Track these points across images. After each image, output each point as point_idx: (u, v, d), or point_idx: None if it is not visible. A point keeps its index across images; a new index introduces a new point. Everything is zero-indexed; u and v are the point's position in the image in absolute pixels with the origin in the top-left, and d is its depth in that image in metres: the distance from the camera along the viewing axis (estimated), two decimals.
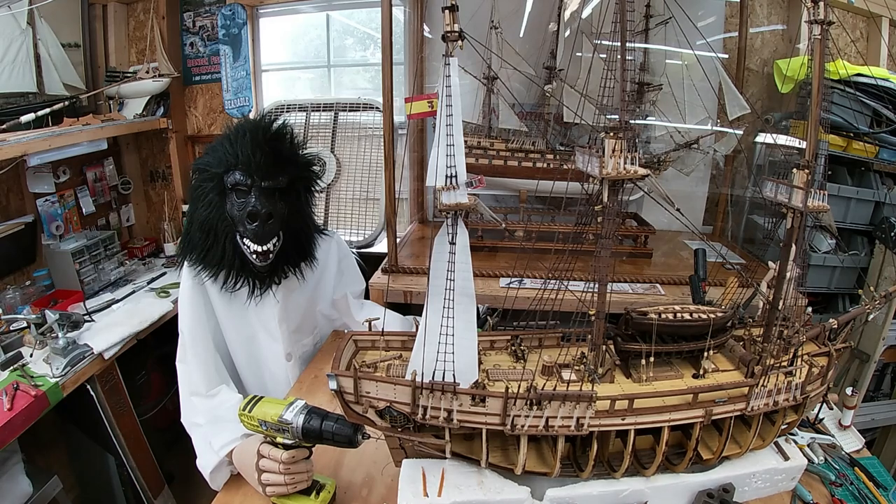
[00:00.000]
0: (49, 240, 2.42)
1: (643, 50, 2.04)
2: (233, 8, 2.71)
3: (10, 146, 1.97)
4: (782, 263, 1.02)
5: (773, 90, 2.25)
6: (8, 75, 2.37)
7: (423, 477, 0.98)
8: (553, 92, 2.11)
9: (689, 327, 1.00)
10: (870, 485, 1.17)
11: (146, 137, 2.95)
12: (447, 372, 0.87)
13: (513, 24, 2.16)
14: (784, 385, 0.99)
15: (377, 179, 2.62)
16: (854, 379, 2.07)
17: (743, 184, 2.32)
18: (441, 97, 0.80)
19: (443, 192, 0.82)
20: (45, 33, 2.46)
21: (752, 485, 1.07)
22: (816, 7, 0.91)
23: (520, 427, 0.90)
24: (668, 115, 2.07)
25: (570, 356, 1.02)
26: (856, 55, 2.27)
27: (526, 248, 2.01)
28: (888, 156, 1.97)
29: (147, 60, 2.72)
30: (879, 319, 1.88)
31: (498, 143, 2.13)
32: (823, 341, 1.15)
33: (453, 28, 0.78)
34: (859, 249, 2.06)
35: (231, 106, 2.84)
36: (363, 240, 2.64)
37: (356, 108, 2.70)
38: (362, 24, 2.86)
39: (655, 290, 1.84)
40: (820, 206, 0.97)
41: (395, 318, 1.70)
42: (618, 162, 0.88)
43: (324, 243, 1.63)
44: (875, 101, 1.94)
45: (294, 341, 1.61)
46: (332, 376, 0.89)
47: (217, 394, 1.40)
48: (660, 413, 0.94)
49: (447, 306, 0.86)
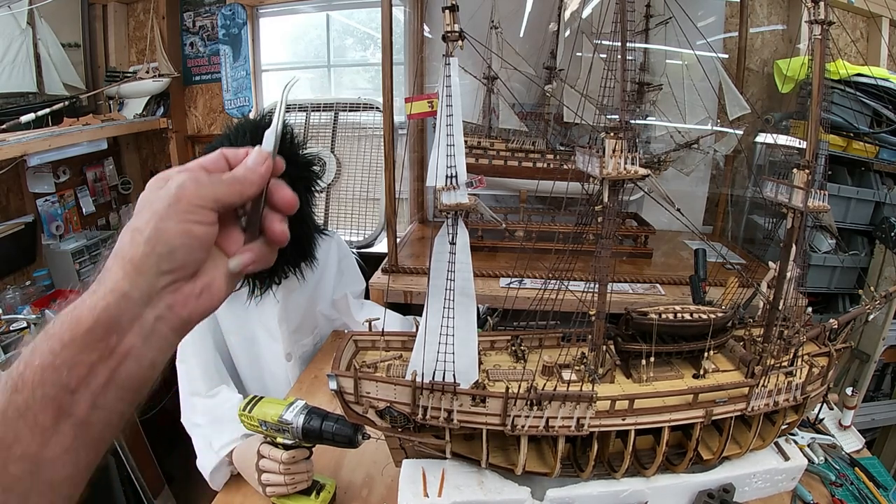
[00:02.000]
0: (49, 240, 2.42)
1: (643, 50, 2.04)
2: (233, 8, 2.71)
3: (10, 146, 1.97)
4: (782, 263, 1.02)
5: (773, 90, 2.25)
6: (8, 75, 2.37)
7: (424, 477, 0.98)
8: (553, 92, 2.11)
9: (690, 327, 1.00)
10: (870, 485, 1.17)
11: (146, 137, 2.95)
12: (447, 372, 0.87)
13: (513, 24, 2.16)
14: (784, 385, 0.99)
15: (377, 179, 2.62)
16: (854, 379, 2.07)
17: (743, 184, 2.32)
18: (441, 97, 0.80)
19: (443, 192, 0.82)
20: (45, 33, 2.46)
21: (752, 485, 1.07)
22: (817, 7, 0.91)
23: (520, 427, 0.90)
24: (668, 115, 2.07)
25: (570, 356, 1.02)
26: (856, 55, 2.27)
27: (526, 248, 2.01)
28: (888, 156, 1.97)
29: (147, 60, 2.72)
30: (879, 319, 1.88)
31: (498, 143, 2.13)
32: (823, 341, 1.15)
33: (453, 28, 0.78)
34: (859, 249, 2.06)
35: (231, 106, 2.84)
36: (363, 240, 2.64)
37: (356, 108, 2.70)
38: (362, 24, 2.86)
39: (655, 290, 1.84)
40: (820, 206, 0.97)
41: (395, 318, 1.70)
42: (618, 162, 0.88)
43: (324, 243, 1.63)
44: (875, 101, 1.94)
45: (294, 341, 1.61)
46: (332, 376, 0.89)
47: (217, 394, 1.40)
48: (660, 413, 0.94)
49: (447, 306, 0.86)
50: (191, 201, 0.45)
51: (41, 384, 0.39)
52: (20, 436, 0.39)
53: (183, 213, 0.44)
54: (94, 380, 0.41)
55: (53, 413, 0.40)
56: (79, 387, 0.41)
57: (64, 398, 0.40)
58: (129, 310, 0.42)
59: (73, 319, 0.41)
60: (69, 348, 0.40)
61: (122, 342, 0.42)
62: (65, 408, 0.40)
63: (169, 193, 0.44)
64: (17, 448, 0.39)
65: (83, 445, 0.41)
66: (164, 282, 0.44)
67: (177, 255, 0.44)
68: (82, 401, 0.41)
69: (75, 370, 0.40)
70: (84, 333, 0.41)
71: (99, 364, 0.41)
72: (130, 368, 0.43)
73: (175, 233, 0.44)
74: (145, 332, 0.43)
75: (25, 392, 0.39)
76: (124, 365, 0.42)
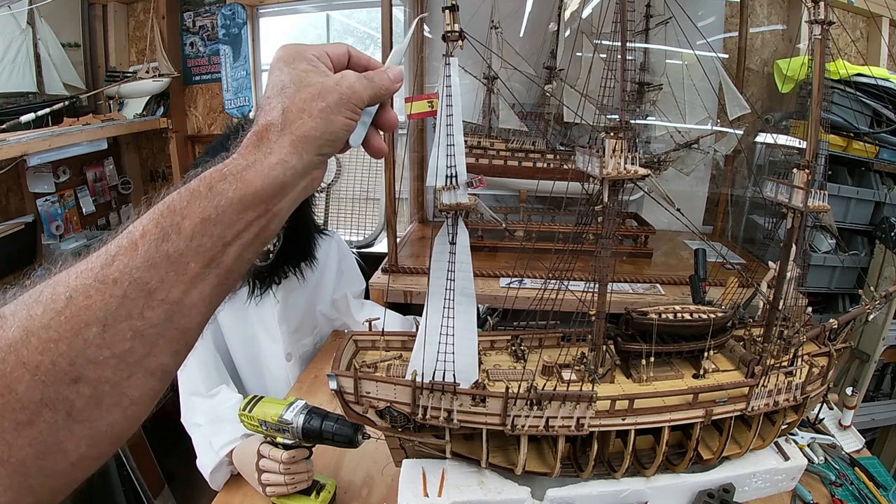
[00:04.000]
0: (49, 240, 2.41)
1: (643, 50, 2.04)
2: (233, 8, 2.71)
3: (10, 146, 1.97)
4: (782, 263, 1.02)
5: (773, 90, 2.25)
6: (8, 75, 2.37)
7: (424, 477, 0.98)
8: (553, 92, 2.11)
9: (690, 327, 1.00)
10: (870, 485, 1.17)
11: (146, 137, 2.95)
12: (447, 372, 0.87)
13: (513, 24, 2.15)
14: (784, 385, 0.99)
15: (377, 179, 2.62)
16: (854, 379, 2.07)
17: (743, 184, 2.31)
18: (441, 97, 0.80)
19: (443, 192, 0.82)
20: (45, 33, 2.46)
21: (752, 485, 1.07)
22: (817, 7, 0.91)
23: (520, 427, 0.90)
24: (669, 115, 2.07)
25: (570, 356, 1.02)
26: (856, 55, 2.27)
27: (526, 248, 2.01)
28: (888, 156, 1.97)
29: (147, 60, 2.72)
30: (879, 319, 1.87)
31: (498, 143, 2.13)
32: (823, 341, 1.15)
33: (453, 28, 0.78)
34: (859, 249, 2.06)
35: (231, 106, 2.84)
36: (363, 240, 2.64)
37: None
38: (362, 23, 2.86)
39: (655, 290, 1.84)
40: (820, 206, 0.97)
41: (395, 318, 1.70)
42: (618, 162, 0.88)
43: (324, 243, 1.63)
44: (875, 101, 1.94)
45: (294, 341, 1.61)
46: (332, 376, 0.89)
47: (217, 394, 1.40)
48: (660, 413, 0.94)
49: (447, 306, 0.85)
50: (355, 100, 0.53)
51: (200, 235, 0.43)
52: (166, 281, 0.41)
53: (347, 110, 0.52)
54: (247, 235, 0.46)
55: (205, 262, 0.43)
56: (233, 240, 0.45)
57: (218, 250, 0.44)
58: (292, 180, 0.49)
59: (244, 182, 0.46)
60: (235, 206, 0.45)
61: (278, 205, 0.48)
62: (216, 259, 0.44)
63: (341, 91, 0.52)
64: (159, 293, 0.41)
65: (217, 294, 0.45)
66: (318, 161, 0.52)
67: (335, 143, 0.52)
68: (232, 252, 0.45)
69: (235, 226, 0.45)
70: (252, 195, 0.46)
71: (254, 222, 0.46)
72: (273, 227, 0.49)
73: (340, 125, 0.52)
74: (293, 198, 0.50)
75: (180, 242, 0.42)
76: (271, 224, 0.48)
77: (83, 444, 0.39)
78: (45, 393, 0.37)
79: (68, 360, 0.37)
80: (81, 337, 0.38)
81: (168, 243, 0.42)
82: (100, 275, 0.40)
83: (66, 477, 0.40)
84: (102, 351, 0.39)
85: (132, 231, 0.42)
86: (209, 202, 0.44)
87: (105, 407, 0.40)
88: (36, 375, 0.37)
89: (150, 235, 0.42)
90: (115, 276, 0.40)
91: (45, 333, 0.37)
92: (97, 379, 0.39)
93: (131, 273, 0.40)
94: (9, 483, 0.37)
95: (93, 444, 0.40)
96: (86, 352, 0.38)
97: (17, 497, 0.37)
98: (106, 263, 0.40)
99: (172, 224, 0.42)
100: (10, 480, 0.37)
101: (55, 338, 0.37)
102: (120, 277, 0.40)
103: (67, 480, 0.40)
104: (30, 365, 0.37)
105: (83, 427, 0.39)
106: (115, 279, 0.40)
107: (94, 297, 0.39)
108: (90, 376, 0.38)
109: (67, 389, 0.38)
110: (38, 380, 0.37)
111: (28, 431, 0.37)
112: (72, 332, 0.38)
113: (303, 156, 0.49)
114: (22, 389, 0.36)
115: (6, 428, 0.36)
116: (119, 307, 0.39)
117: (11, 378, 0.36)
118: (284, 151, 0.48)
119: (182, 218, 0.43)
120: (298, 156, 0.49)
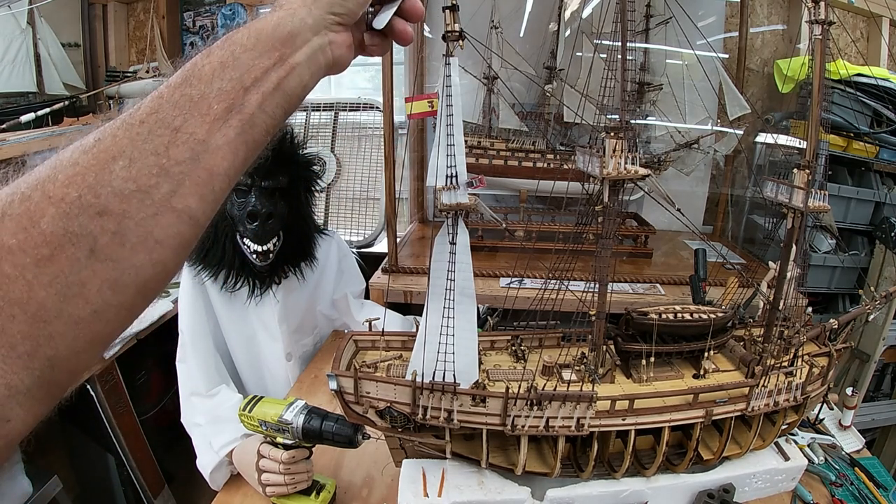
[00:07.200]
0: None
1: (643, 50, 2.04)
2: (233, 8, 2.71)
3: (10, 146, 1.97)
4: (782, 263, 1.02)
5: (773, 90, 2.24)
6: (8, 75, 2.37)
7: (424, 477, 0.98)
8: (553, 92, 2.11)
9: (690, 327, 1.00)
10: (870, 485, 1.17)
11: None
12: (447, 372, 0.87)
13: (513, 24, 2.15)
14: (784, 385, 0.99)
15: (377, 179, 2.61)
16: (854, 379, 2.07)
17: (743, 184, 2.31)
18: (441, 97, 0.80)
19: (443, 192, 0.82)
20: (45, 33, 2.46)
21: (752, 485, 1.07)
22: (817, 7, 0.91)
23: (520, 427, 0.90)
24: (669, 115, 2.07)
25: (570, 356, 1.02)
26: (856, 55, 2.27)
27: (526, 248, 2.01)
28: (888, 156, 1.97)
29: (147, 60, 2.72)
30: (879, 319, 1.87)
31: (498, 143, 2.13)
32: (824, 341, 1.15)
33: (453, 28, 0.78)
34: (859, 249, 2.06)
35: None
36: (363, 240, 2.64)
37: (356, 107, 2.70)
38: None
39: (655, 290, 1.84)
40: (820, 206, 0.97)
41: (395, 318, 1.70)
42: (618, 162, 0.88)
43: (324, 243, 1.63)
44: (875, 101, 1.93)
45: (294, 341, 1.61)
46: (332, 376, 0.89)
47: (217, 394, 1.40)
48: (660, 413, 0.94)
49: (447, 306, 0.85)
50: None
51: (219, 78, 0.45)
52: (189, 120, 0.43)
53: None
54: (266, 83, 0.47)
55: (227, 105, 0.45)
56: (252, 86, 0.46)
57: (238, 94, 0.45)
58: (302, 31, 0.50)
59: (255, 30, 0.48)
60: (250, 52, 0.47)
61: (293, 56, 0.49)
62: (237, 103, 0.45)
63: None
64: (184, 130, 0.42)
65: (243, 143, 0.46)
66: (332, 21, 0.53)
67: (348, 6, 0.53)
68: (253, 100, 0.46)
69: (252, 72, 0.46)
70: (265, 40, 0.48)
71: (272, 70, 0.48)
72: (292, 82, 0.50)
73: None
74: (308, 55, 0.51)
75: (201, 85, 0.44)
76: (289, 77, 0.49)
77: (106, 289, 0.39)
78: (68, 225, 0.37)
79: (94, 192, 0.38)
80: (108, 170, 0.39)
81: (190, 87, 0.44)
82: (127, 119, 0.42)
83: (88, 329, 0.38)
84: (128, 184, 0.39)
85: (158, 88, 0.45)
86: (226, 50, 0.46)
87: (129, 246, 0.39)
88: (60, 207, 0.37)
89: (174, 83, 0.44)
90: (141, 118, 0.42)
91: (73, 169, 0.38)
92: (122, 213, 0.39)
93: (157, 113, 0.42)
94: (28, 330, 0.35)
95: (116, 290, 0.39)
96: (112, 184, 0.39)
97: (36, 347, 0.36)
98: (134, 111, 0.43)
99: (194, 72, 0.45)
100: (30, 327, 0.35)
101: (82, 172, 0.38)
102: (146, 118, 0.42)
103: (89, 336, 0.39)
104: (55, 198, 0.37)
105: (106, 267, 0.38)
106: (142, 120, 0.42)
107: (121, 135, 0.41)
108: (115, 209, 0.38)
109: (92, 223, 0.37)
110: (62, 212, 0.36)
111: (49, 268, 0.36)
112: (98, 165, 0.39)
113: (312, 9, 0.51)
114: (45, 222, 0.36)
115: (27, 264, 0.35)
116: (145, 142, 0.41)
117: (35, 211, 0.36)
118: (294, 4, 0.51)
119: (202, 66, 0.45)
120: (307, 9, 0.51)
